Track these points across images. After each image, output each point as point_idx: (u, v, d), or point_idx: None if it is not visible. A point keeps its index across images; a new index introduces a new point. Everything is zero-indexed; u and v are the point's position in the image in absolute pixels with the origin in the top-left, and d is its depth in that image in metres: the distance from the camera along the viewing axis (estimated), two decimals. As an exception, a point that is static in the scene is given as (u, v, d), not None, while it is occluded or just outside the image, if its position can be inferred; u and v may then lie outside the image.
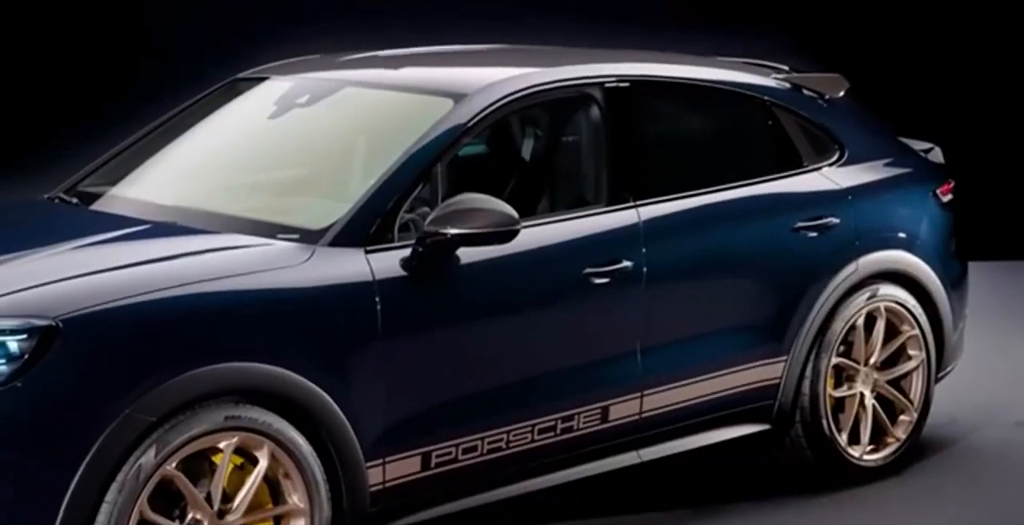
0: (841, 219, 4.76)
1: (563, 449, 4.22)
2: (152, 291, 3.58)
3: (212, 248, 3.85)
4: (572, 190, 4.50)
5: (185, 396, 3.52)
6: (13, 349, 3.40)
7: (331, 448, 3.76)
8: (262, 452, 3.67)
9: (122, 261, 3.74)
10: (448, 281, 3.97)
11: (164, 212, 4.16)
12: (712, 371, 4.49)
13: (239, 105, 4.66)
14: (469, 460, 4.03)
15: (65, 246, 3.88)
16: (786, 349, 4.65)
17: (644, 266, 4.30)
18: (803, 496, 4.73)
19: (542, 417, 4.15)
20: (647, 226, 4.35)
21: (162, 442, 3.49)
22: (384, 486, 3.88)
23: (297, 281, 3.77)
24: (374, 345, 3.82)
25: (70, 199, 4.45)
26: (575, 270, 4.20)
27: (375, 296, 3.83)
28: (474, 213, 3.91)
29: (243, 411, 3.62)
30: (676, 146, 4.71)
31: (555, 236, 4.20)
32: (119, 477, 3.44)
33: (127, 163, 4.58)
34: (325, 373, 3.74)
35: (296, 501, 3.73)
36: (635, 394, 4.33)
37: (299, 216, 4.04)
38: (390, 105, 4.38)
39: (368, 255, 3.88)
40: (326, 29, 7.59)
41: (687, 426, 4.49)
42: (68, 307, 3.48)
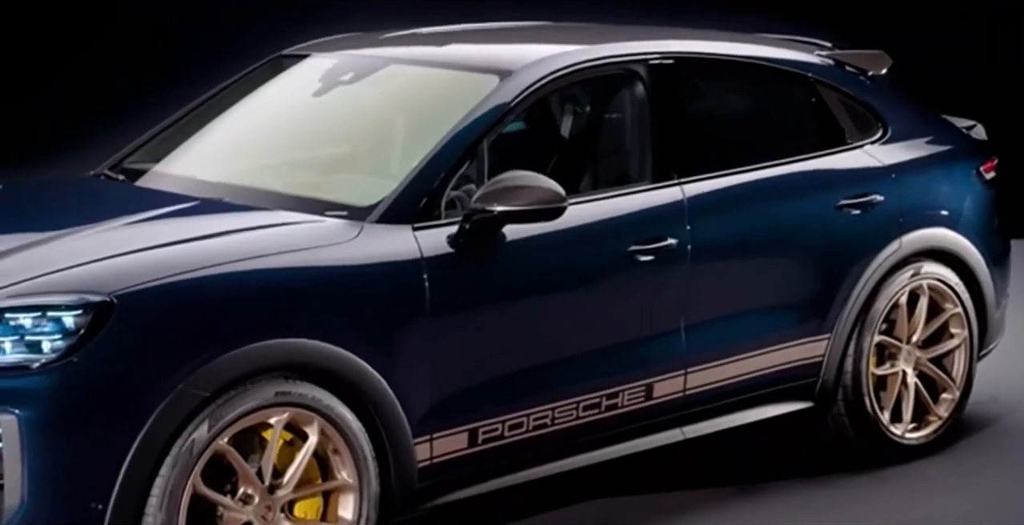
0: (885, 197, 4.77)
1: (607, 426, 4.26)
2: (205, 267, 3.62)
3: (262, 225, 3.89)
4: (616, 167, 4.52)
5: (237, 372, 3.57)
6: (69, 324, 3.44)
7: (380, 424, 3.80)
8: (312, 428, 3.72)
9: (174, 237, 3.79)
10: (495, 258, 4.00)
11: (210, 189, 4.20)
12: (755, 349, 4.52)
13: (283, 82, 4.70)
14: (515, 436, 4.07)
15: (116, 222, 3.93)
16: (829, 327, 4.67)
17: (688, 243, 4.32)
18: (844, 474, 4.76)
19: (587, 394, 4.18)
20: (691, 203, 4.37)
21: (215, 417, 3.54)
22: (432, 462, 3.93)
23: (346, 258, 3.80)
24: (422, 322, 3.86)
25: (116, 176, 4.49)
26: (620, 247, 4.22)
27: (423, 273, 3.87)
28: (521, 190, 3.93)
29: (293, 387, 3.66)
30: (720, 123, 4.73)
31: (600, 213, 4.23)
32: (173, 451, 3.49)
33: (171, 140, 4.62)
34: (374, 349, 3.78)
35: (345, 477, 3.78)
36: (679, 371, 4.36)
37: (346, 193, 4.08)
38: (435, 82, 4.41)
39: (415, 232, 3.91)
40: (368, 6, 7.62)
41: (730, 403, 4.52)
42: (122, 283, 3.52)
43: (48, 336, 3.43)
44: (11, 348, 3.42)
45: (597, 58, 4.38)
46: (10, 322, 3.44)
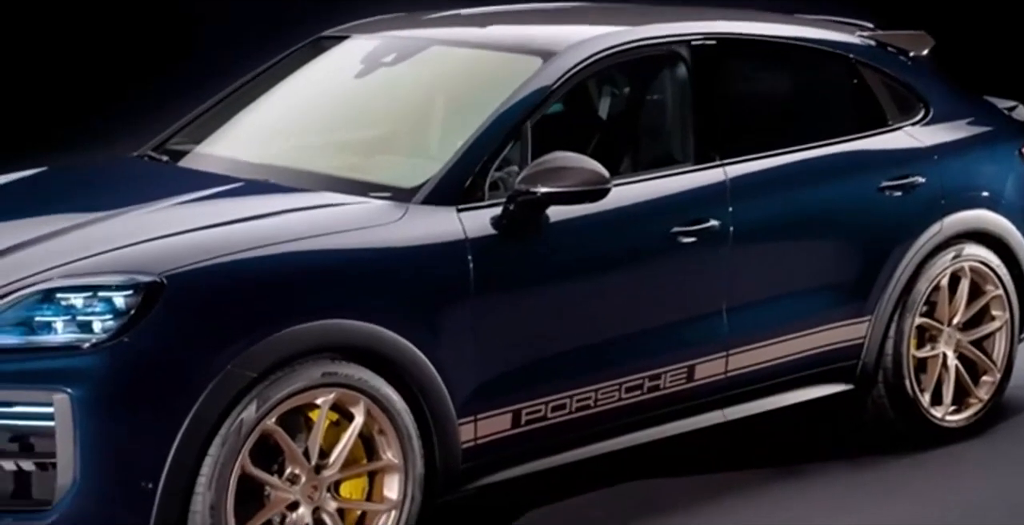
0: (926, 178, 4.77)
1: (649, 407, 4.28)
2: (253, 248, 3.66)
3: (308, 206, 3.93)
4: (658, 149, 4.53)
5: (285, 352, 3.60)
6: (119, 305, 3.48)
7: (424, 405, 3.84)
8: (358, 408, 3.75)
9: (221, 218, 3.82)
10: (538, 239, 4.02)
11: (254, 170, 4.23)
12: (797, 331, 4.54)
13: (324, 64, 4.72)
14: (558, 418, 4.10)
15: (164, 203, 3.97)
16: (870, 309, 4.68)
17: (731, 225, 4.34)
18: (884, 457, 4.78)
19: (629, 376, 4.21)
20: (734, 185, 4.38)
21: (263, 397, 3.57)
22: (475, 443, 3.96)
23: (392, 239, 3.83)
24: (466, 303, 3.89)
25: (160, 157, 4.53)
26: (663, 229, 4.24)
27: (467, 254, 3.89)
28: (565, 171, 3.95)
29: (340, 368, 3.69)
30: (762, 104, 4.72)
31: (643, 195, 4.24)
32: (222, 431, 3.52)
33: (213, 122, 4.65)
34: (419, 330, 3.81)
35: (390, 457, 3.81)
36: (721, 353, 4.38)
37: (390, 174, 4.11)
38: (478, 63, 4.42)
39: (460, 213, 3.94)
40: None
41: (771, 385, 4.54)
42: (172, 264, 3.56)
43: (99, 316, 3.47)
44: (63, 328, 3.47)
45: (640, 39, 4.39)
46: (61, 302, 3.48)
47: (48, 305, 3.48)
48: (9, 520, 3.41)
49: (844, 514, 4.39)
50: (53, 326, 3.47)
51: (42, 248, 3.72)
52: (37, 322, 3.48)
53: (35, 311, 3.48)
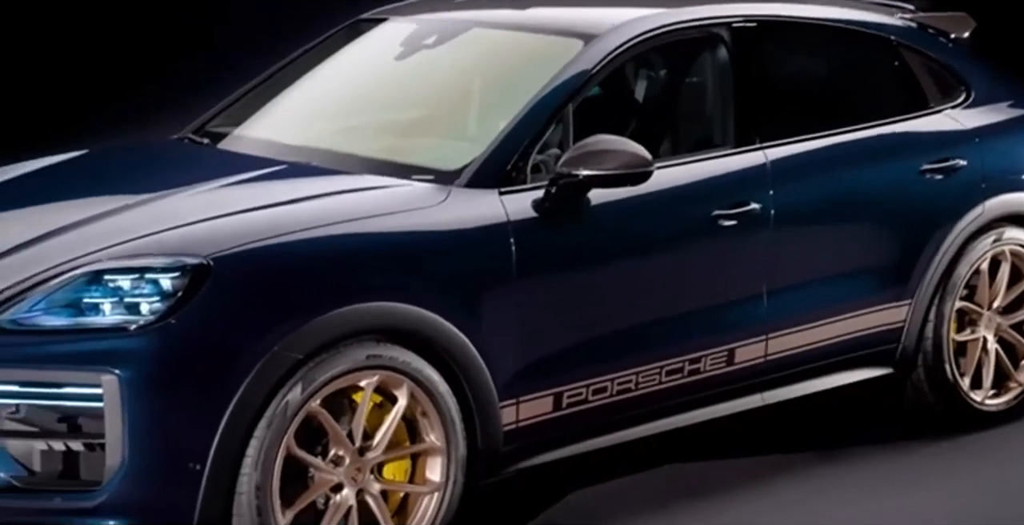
0: (967, 161, 4.77)
1: (689, 391, 4.31)
2: (298, 230, 3.69)
3: (352, 189, 3.96)
4: (698, 132, 4.54)
5: (330, 334, 3.63)
6: (166, 287, 3.52)
7: (467, 388, 3.86)
8: (401, 391, 3.78)
9: (266, 200, 3.86)
10: (580, 222, 4.05)
11: (294, 152, 4.26)
12: (837, 314, 4.55)
13: (362, 46, 4.74)
14: (599, 401, 4.12)
15: (208, 185, 4.01)
16: (910, 292, 4.70)
17: (771, 208, 4.35)
18: (923, 440, 4.79)
19: (670, 359, 4.23)
20: (775, 168, 4.39)
21: (308, 379, 3.61)
22: (517, 426, 3.99)
23: (435, 222, 3.86)
24: (509, 286, 3.91)
25: (200, 139, 4.56)
26: (704, 212, 4.26)
27: (510, 237, 3.91)
28: (607, 154, 3.97)
29: (384, 350, 3.72)
30: (803, 87, 4.73)
31: (683, 178, 4.26)
32: (267, 413, 3.56)
33: (253, 104, 4.68)
34: (462, 313, 3.84)
35: (433, 440, 3.84)
36: (760, 337, 4.40)
37: (433, 157, 4.13)
38: (519, 46, 4.44)
39: (502, 196, 3.96)
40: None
41: (811, 369, 4.56)
42: (218, 246, 3.59)
43: (147, 298, 3.51)
44: (111, 309, 3.51)
45: (681, 21, 4.40)
46: (109, 284, 3.52)
47: (96, 287, 3.53)
48: (59, 500, 3.45)
49: (883, 497, 4.41)
50: (101, 308, 3.51)
51: (89, 230, 3.76)
52: (85, 304, 3.52)
53: (83, 293, 3.53)
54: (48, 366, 3.44)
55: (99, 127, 7.29)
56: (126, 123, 7.13)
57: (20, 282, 3.58)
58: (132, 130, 5.79)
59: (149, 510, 3.46)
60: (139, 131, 5.44)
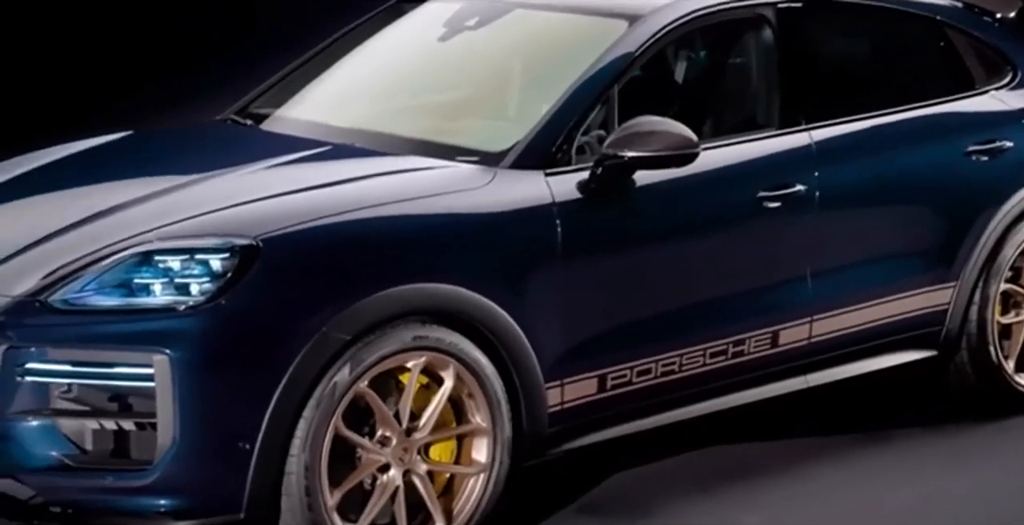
0: (1014, 143, 4.78)
1: (733, 373, 4.34)
2: (345, 212, 3.73)
3: (397, 170, 4.00)
4: (742, 113, 4.55)
5: (377, 316, 3.67)
6: (216, 267, 3.57)
7: (512, 369, 3.90)
8: (447, 372, 3.82)
9: (312, 182, 3.90)
10: (625, 203, 4.08)
11: (337, 134, 4.30)
12: (881, 296, 4.58)
13: (404, 27, 4.77)
14: (643, 383, 4.16)
15: (254, 167, 4.05)
16: (955, 274, 4.71)
17: (816, 190, 4.37)
18: (967, 423, 4.81)
19: (714, 341, 4.26)
20: (820, 149, 4.41)
21: (356, 360, 3.65)
22: (562, 407, 4.03)
23: (481, 203, 3.90)
24: (554, 267, 3.95)
25: (244, 121, 4.60)
26: (748, 194, 4.28)
27: (555, 218, 3.95)
28: (652, 136, 3.99)
29: (430, 331, 3.76)
30: (848, 68, 4.74)
31: (728, 159, 4.28)
32: (316, 393, 3.60)
33: (295, 85, 4.71)
34: (507, 295, 3.88)
35: (479, 421, 3.88)
36: (805, 319, 4.42)
37: (477, 138, 4.17)
38: (562, 27, 4.46)
39: (547, 178, 3.99)
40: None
41: (855, 351, 4.58)
42: (267, 227, 3.64)
43: (196, 279, 3.56)
44: (161, 290, 3.56)
45: (726, 1, 4.40)
46: (159, 265, 3.57)
47: (146, 267, 3.58)
48: (110, 478, 3.51)
49: (927, 481, 4.43)
50: (151, 288, 3.56)
51: (138, 211, 3.81)
52: (136, 284, 3.57)
53: (134, 273, 3.58)
54: (100, 346, 3.50)
55: (145, 108, 7.36)
56: (174, 105, 7.19)
57: (71, 262, 3.64)
58: (178, 112, 5.84)
59: (199, 489, 3.51)
60: (185, 113, 5.49)
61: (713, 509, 4.21)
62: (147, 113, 6.99)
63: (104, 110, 7.41)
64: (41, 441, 3.50)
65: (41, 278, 3.62)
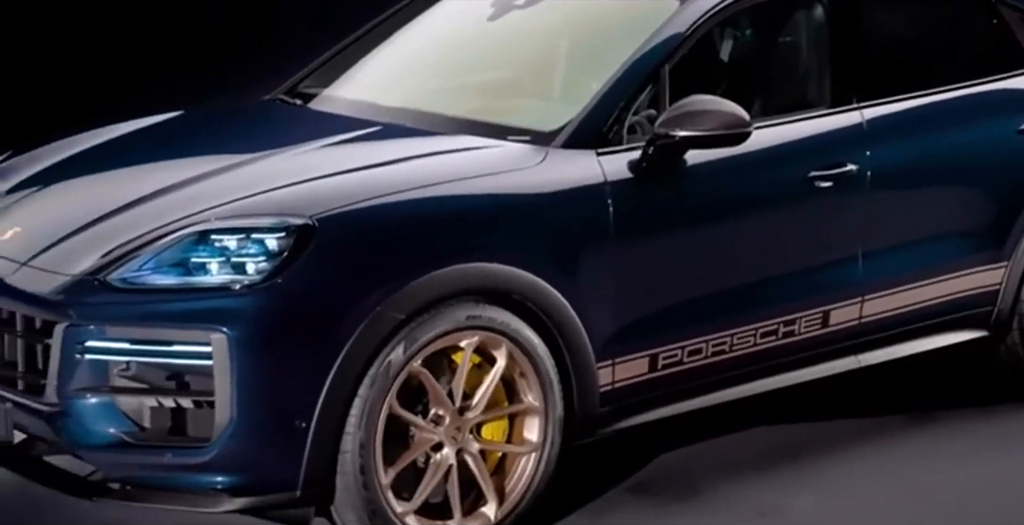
0: (1068, 121, 4.84)
1: (784, 353, 4.38)
2: (399, 192, 3.79)
3: (450, 149, 4.05)
4: (793, 92, 4.58)
5: (431, 295, 3.73)
6: (272, 247, 3.63)
7: (564, 349, 3.95)
8: (500, 351, 3.88)
9: (366, 161, 3.95)
10: (677, 183, 4.12)
11: (387, 113, 4.35)
12: (932, 276, 4.60)
13: (453, 6, 4.82)
14: (694, 362, 4.20)
15: (306, 146, 4.11)
16: (1007, 255, 4.72)
17: (868, 169, 4.40)
18: (1017, 404, 4.84)
19: (765, 321, 4.30)
20: (871, 128, 4.44)
21: (410, 339, 3.71)
22: (613, 387, 4.08)
23: (533, 183, 3.95)
24: (606, 247, 4.00)
25: (292, 100, 4.67)
26: (800, 173, 4.32)
27: (607, 198, 3.99)
28: (705, 115, 4.03)
29: (483, 311, 3.82)
30: (900, 45, 4.75)
31: (780, 138, 4.32)
32: (371, 372, 3.66)
33: (344, 65, 4.77)
34: (560, 274, 3.93)
35: (531, 400, 3.94)
36: (856, 299, 4.46)
37: (528, 118, 4.21)
38: (612, 6, 4.51)
39: (599, 157, 4.03)
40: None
41: (906, 331, 4.61)
42: (322, 206, 3.70)
43: (253, 258, 3.62)
44: (217, 269, 3.63)
45: (778, -21, 4.46)
46: (216, 244, 3.64)
47: (203, 246, 3.64)
48: (169, 455, 3.58)
49: (977, 462, 4.47)
50: (208, 267, 3.63)
51: (194, 190, 3.88)
52: (193, 263, 3.64)
53: (191, 252, 3.65)
54: (158, 324, 3.57)
55: (193, 88, 7.45)
56: (225, 84, 7.27)
57: (129, 241, 3.71)
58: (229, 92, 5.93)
59: (256, 467, 3.58)
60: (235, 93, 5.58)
61: (764, 489, 4.26)
62: (197, 93, 7.07)
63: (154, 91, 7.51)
64: (100, 418, 3.58)
65: (100, 257, 3.70)
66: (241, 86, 6.08)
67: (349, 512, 3.70)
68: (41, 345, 3.65)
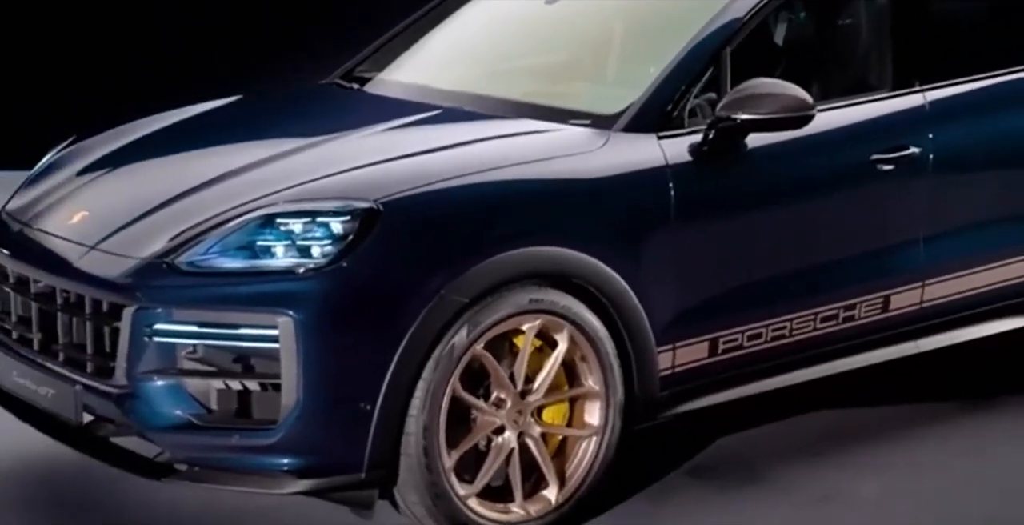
0: None
1: (844, 337, 4.43)
2: (462, 175, 3.85)
3: (511, 133, 4.12)
4: (854, 74, 4.62)
5: (494, 278, 3.79)
6: (337, 230, 3.70)
7: (625, 333, 4.01)
8: (562, 335, 3.95)
9: (428, 145, 4.02)
10: (738, 166, 4.17)
11: (444, 96, 4.42)
12: (994, 261, 4.64)
13: (509, -11, 4.92)
14: (754, 347, 4.26)
15: (367, 130, 4.18)
16: (1070, 239, 4.80)
17: (931, 152, 4.44)
18: (1079, 390, 4.93)
19: (825, 305, 4.35)
20: (934, 111, 4.48)
21: (473, 323, 3.78)
22: (673, 371, 4.14)
23: (596, 167, 4.00)
24: (667, 231, 4.05)
25: (349, 85, 4.75)
26: (862, 156, 4.36)
27: (668, 181, 4.05)
28: (767, 98, 4.07)
29: (545, 294, 3.88)
30: (961, 27, 4.78)
31: (842, 121, 4.36)
32: (434, 355, 3.74)
33: (400, 48, 4.85)
34: (621, 258, 3.99)
35: (592, 384, 4.01)
36: (916, 283, 4.50)
37: (588, 102, 4.28)
38: (668, -11, 4.58)
39: (660, 141, 4.09)
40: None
41: (966, 316, 4.65)
42: (386, 190, 3.77)
43: (318, 241, 3.69)
44: (283, 252, 3.69)
45: (839, -39, 4.50)
46: (281, 227, 3.71)
47: (269, 230, 3.71)
48: (236, 437, 3.66)
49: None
50: (273, 251, 3.70)
51: (259, 174, 3.96)
52: (259, 247, 3.71)
53: (257, 236, 3.72)
54: (225, 307, 3.65)
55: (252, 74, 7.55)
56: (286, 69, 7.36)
57: (196, 225, 3.79)
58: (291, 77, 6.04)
59: (322, 449, 3.66)
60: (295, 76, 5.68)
61: (826, 474, 4.32)
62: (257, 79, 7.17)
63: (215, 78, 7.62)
64: (168, 400, 3.67)
65: (167, 240, 3.78)
66: (278, 73, 6.22)
67: (412, 494, 3.79)
68: (110, 328, 3.74)
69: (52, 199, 4.15)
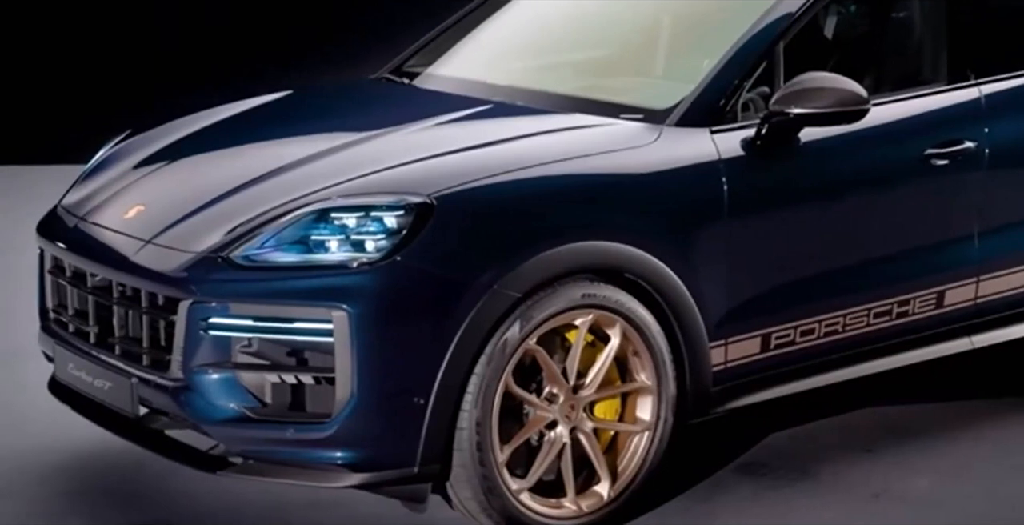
0: None
1: (897, 333, 4.46)
2: (515, 170, 3.91)
3: (564, 128, 4.16)
4: (908, 68, 4.65)
5: (547, 273, 3.85)
6: (391, 225, 3.77)
7: (677, 328, 4.06)
8: (614, 330, 3.99)
9: (480, 140, 4.08)
10: (791, 161, 4.20)
11: (495, 91, 4.48)
12: (1050, 257, 4.70)
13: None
14: (806, 342, 4.30)
15: (419, 125, 4.24)
16: None
17: (986, 147, 4.46)
18: None
19: (879, 301, 4.38)
20: (990, 104, 4.50)
21: (526, 317, 3.83)
22: (726, 366, 4.18)
23: (648, 161, 4.05)
24: (720, 226, 4.09)
25: (399, 79, 4.81)
26: (916, 151, 4.39)
27: (721, 176, 4.09)
28: (820, 92, 4.11)
29: (598, 289, 3.93)
30: (1017, 19, 4.77)
31: (896, 115, 4.39)
32: (487, 350, 3.79)
33: (449, 43, 4.91)
34: (674, 253, 4.03)
35: (644, 379, 4.05)
36: (971, 279, 4.52)
37: (640, 96, 4.32)
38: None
39: (713, 135, 4.13)
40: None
41: (1020, 313, 4.66)
42: (440, 184, 3.83)
43: (372, 236, 3.75)
44: (337, 247, 3.76)
45: (894, -45, 4.52)
46: (335, 222, 3.78)
47: (323, 224, 3.78)
48: (291, 430, 3.73)
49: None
50: (327, 245, 3.77)
51: (312, 168, 4.02)
52: (313, 241, 3.78)
53: (311, 230, 3.79)
54: (280, 301, 3.71)
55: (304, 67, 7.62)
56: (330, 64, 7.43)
57: (251, 219, 3.86)
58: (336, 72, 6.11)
59: (375, 443, 3.73)
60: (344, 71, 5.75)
61: (880, 470, 4.35)
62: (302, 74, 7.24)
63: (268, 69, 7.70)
64: (223, 393, 3.74)
65: (223, 235, 3.85)
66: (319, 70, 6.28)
67: (465, 489, 3.84)
68: (165, 321, 3.82)
69: (108, 193, 4.23)
